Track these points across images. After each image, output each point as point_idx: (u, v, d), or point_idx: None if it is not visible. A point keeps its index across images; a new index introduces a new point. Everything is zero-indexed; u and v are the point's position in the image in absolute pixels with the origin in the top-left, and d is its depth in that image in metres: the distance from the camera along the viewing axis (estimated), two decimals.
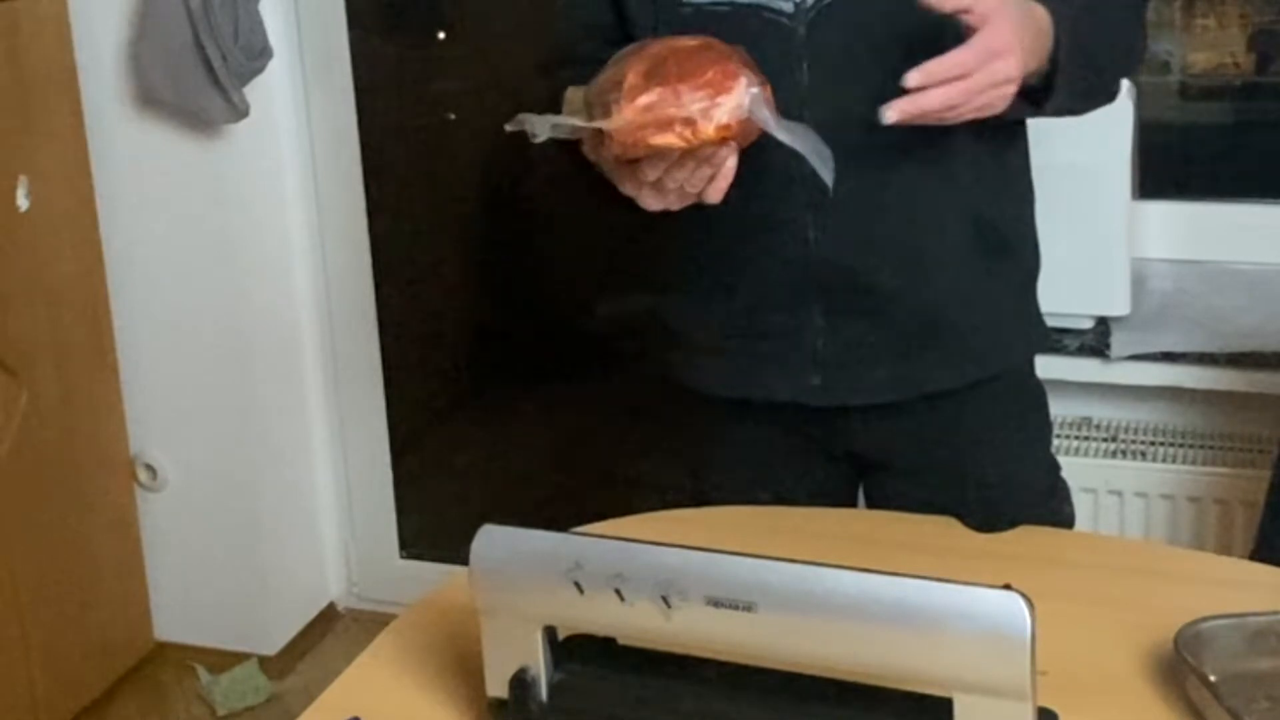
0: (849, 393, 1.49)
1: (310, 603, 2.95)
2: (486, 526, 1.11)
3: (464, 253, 3.07)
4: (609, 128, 1.21)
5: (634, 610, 1.05)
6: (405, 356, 2.95)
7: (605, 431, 2.99)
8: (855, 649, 1.01)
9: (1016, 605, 0.96)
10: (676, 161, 1.24)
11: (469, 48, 2.91)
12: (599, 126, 1.23)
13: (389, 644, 1.32)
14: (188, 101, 2.49)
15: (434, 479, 3.07)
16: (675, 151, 1.22)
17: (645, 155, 1.23)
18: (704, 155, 1.24)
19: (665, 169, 1.25)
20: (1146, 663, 1.21)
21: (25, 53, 2.44)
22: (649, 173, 1.26)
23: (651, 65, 1.23)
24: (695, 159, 1.24)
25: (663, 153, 1.23)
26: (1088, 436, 2.26)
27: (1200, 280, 2.34)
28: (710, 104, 1.20)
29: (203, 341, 2.69)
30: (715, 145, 1.22)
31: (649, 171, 1.26)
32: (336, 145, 2.81)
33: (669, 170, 1.25)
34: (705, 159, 1.24)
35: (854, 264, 1.44)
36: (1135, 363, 2.17)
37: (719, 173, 1.27)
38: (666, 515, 1.53)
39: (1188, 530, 2.17)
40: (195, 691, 2.77)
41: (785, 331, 1.48)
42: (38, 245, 2.48)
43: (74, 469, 2.60)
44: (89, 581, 2.65)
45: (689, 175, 1.26)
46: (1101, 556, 1.49)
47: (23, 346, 2.46)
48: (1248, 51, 2.44)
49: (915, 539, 1.48)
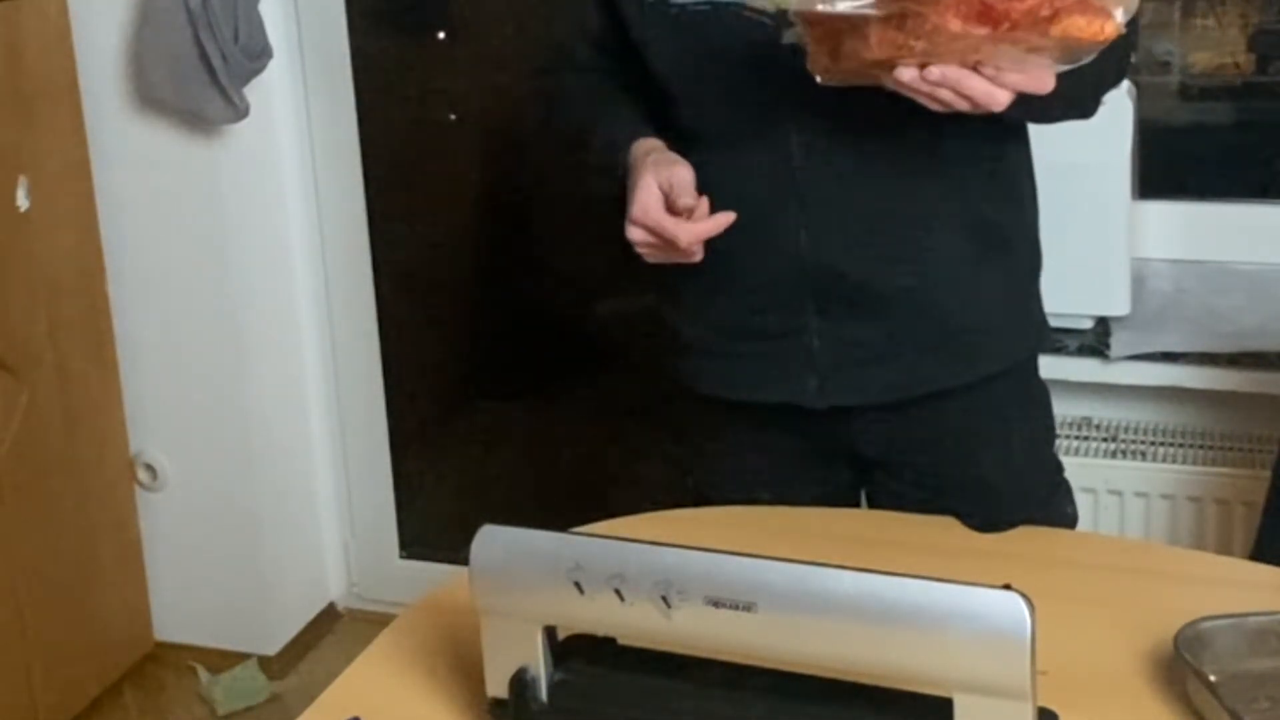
0: (846, 394, 1.49)
1: (310, 603, 2.95)
2: (486, 526, 1.11)
3: (464, 253, 3.07)
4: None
5: (634, 610, 1.05)
6: (405, 356, 2.95)
7: (605, 432, 2.99)
8: (855, 649, 1.01)
9: (1016, 605, 0.96)
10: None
11: (469, 48, 2.91)
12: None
13: (389, 644, 1.32)
14: (188, 101, 2.49)
15: (434, 479, 3.07)
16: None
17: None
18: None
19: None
20: (1146, 663, 1.21)
21: (25, 53, 2.44)
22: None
23: None
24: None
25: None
26: (1088, 436, 2.26)
27: (1200, 280, 2.34)
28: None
29: (203, 341, 2.69)
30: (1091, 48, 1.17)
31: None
32: (336, 145, 2.81)
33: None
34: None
35: (847, 265, 1.44)
36: (1135, 363, 2.17)
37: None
38: (666, 515, 1.53)
39: (1188, 530, 2.17)
40: (195, 691, 2.77)
41: (781, 333, 1.48)
42: (38, 245, 2.48)
43: (74, 469, 2.60)
44: (89, 581, 2.65)
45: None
46: (1101, 556, 1.49)
47: (23, 346, 2.46)
48: (1248, 51, 2.44)
49: (915, 539, 1.48)
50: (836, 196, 1.42)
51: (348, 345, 2.91)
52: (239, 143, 2.60)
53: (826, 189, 1.42)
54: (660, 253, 1.41)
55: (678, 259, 1.41)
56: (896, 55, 1.19)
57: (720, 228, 1.38)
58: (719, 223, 1.38)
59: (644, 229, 1.38)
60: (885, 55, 1.19)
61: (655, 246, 1.40)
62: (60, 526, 2.57)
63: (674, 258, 1.41)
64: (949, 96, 1.21)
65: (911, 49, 1.18)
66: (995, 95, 1.20)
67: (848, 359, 1.47)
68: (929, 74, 1.19)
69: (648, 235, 1.38)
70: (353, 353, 2.91)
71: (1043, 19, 1.14)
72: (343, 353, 2.91)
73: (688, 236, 1.36)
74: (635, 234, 1.39)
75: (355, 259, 2.86)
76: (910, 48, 1.17)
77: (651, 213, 1.37)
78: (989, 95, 1.20)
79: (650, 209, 1.37)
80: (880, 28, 1.17)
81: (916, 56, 1.18)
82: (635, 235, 1.39)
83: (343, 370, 2.93)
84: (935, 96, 1.21)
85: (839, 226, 1.43)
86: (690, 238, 1.36)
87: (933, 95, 1.21)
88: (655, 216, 1.37)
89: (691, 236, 1.37)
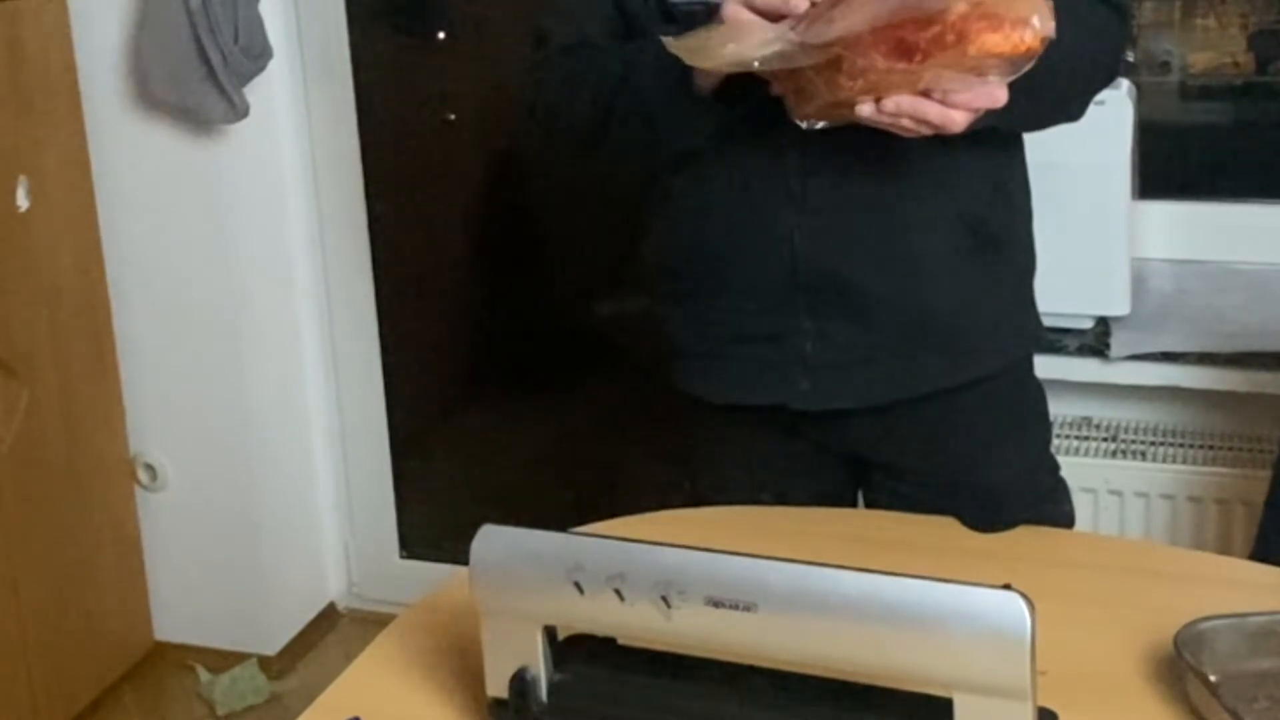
0: (839, 396, 1.49)
1: (310, 603, 2.95)
2: (486, 526, 1.11)
3: (464, 253, 3.07)
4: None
5: (634, 610, 1.05)
6: (405, 356, 2.95)
7: (605, 432, 2.99)
8: (855, 649, 1.01)
9: (1016, 605, 0.96)
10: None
11: (469, 48, 2.91)
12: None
13: (389, 644, 1.32)
14: (188, 101, 2.49)
15: (434, 479, 3.07)
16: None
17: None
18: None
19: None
20: (1146, 663, 1.21)
21: (25, 53, 2.44)
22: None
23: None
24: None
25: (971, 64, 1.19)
26: (1088, 436, 2.26)
27: (1200, 280, 2.34)
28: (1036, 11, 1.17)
29: (203, 342, 2.69)
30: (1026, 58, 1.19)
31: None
32: (336, 145, 2.81)
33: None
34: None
35: (839, 267, 1.44)
36: (1135, 363, 2.17)
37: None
38: (666, 515, 1.53)
39: (1188, 530, 2.17)
40: (195, 691, 2.77)
41: (774, 336, 1.48)
42: (38, 245, 2.48)
43: (74, 469, 2.60)
44: (89, 581, 2.65)
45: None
46: (1101, 556, 1.49)
47: (23, 346, 2.46)
48: (1248, 51, 2.44)
49: (915, 539, 1.48)
50: (830, 199, 1.42)
51: (348, 345, 2.91)
52: (239, 143, 2.60)
53: (821, 192, 1.42)
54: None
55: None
56: (851, 95, 1.23)
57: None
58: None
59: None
60: (836, 97, 1.24)
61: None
62: (60, 526, 2.57)
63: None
64: (910, 124, 1.24)
65: (854, 88, 1.22)
66: (950, 116, 1.24)
67: (840, 361, 1.47)
68: (884, 106, 1.23)
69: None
70: (353, 353, 2.91)
71: (951, 44, 1.17)
72: (343, 353, 2.92)
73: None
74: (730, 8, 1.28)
75: (355, 259, 2.86)
76: (854, 86, 1.22)
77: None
78: (944, 117, 1.23)
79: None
80: (825, 73, 1.22)
81: (863, 93, 1.22)
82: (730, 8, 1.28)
83: (343, 371, 2.93)
84: (897, 125, 1.25)
85: (833, 229, 1.43)
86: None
87: (895, 125, 1.25)
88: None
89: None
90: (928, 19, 1.16)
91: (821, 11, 1.21)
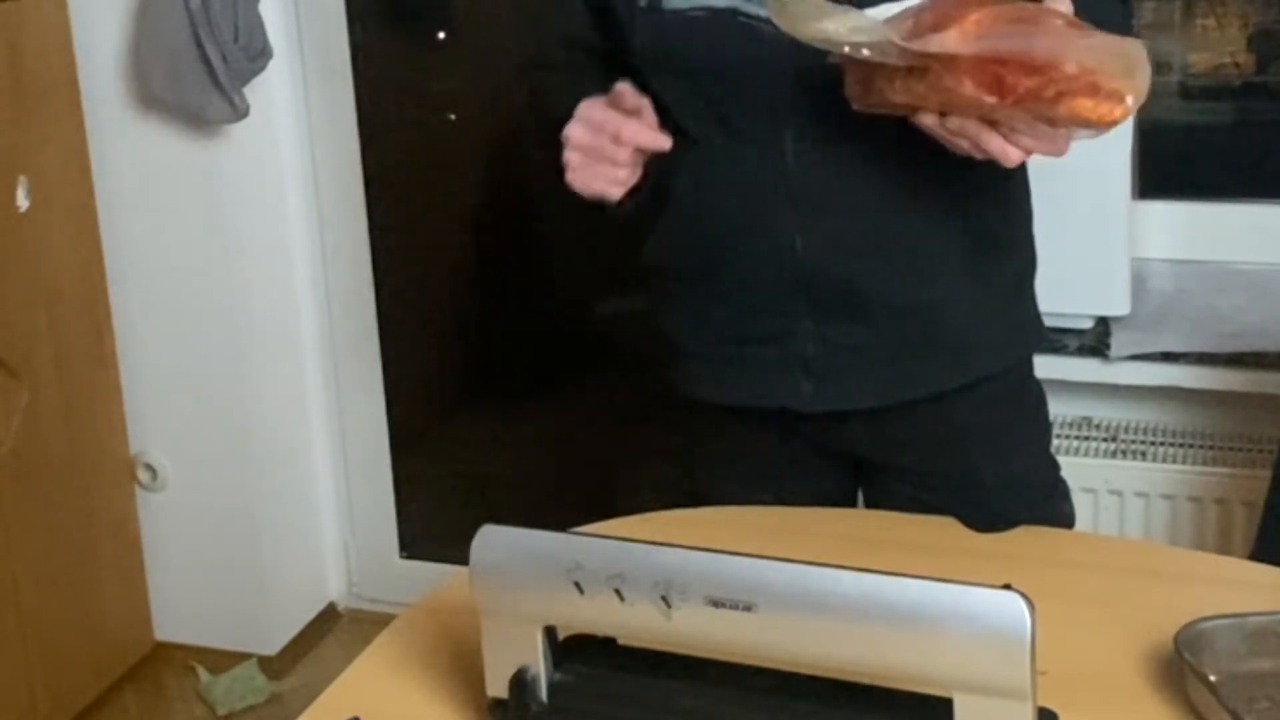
0: (841, 398, 1.49)
1: (310, 603, 2.95)
2: (486, 526, 1.11)
3: (464, 253, 3.07)
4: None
5: (634, 610, 1.05)
6: (405, 356, 2.95)
7: (605, 432, 2.99)
8: (855, 649, 1.01)
9: (1016, 605, 0.96)
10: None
11: (469, 48, 2.91)
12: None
13: (389, 644, 1.32)
14: (188, 101, 2.49)
15: (434, 479, 3.07)
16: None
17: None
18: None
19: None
20: (1146, 663, 1.21)
21: (25, 53, 2.44)
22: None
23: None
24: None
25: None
26: (1088, 436, 2.26)
27: (1200, 280, 2.34)
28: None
29: (203, 341, 2.69)
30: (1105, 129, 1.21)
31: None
32: (336, 145, 2.81)
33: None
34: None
35: (840, 268, 1.44)
36: (1135, 363, 2.17)
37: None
38: (666, 515, 1.53)
39: (1188, 530, 2.17)
40: (195, 691, 2.77)
41: (774, 337, 1.48)
42: (38, 245, 2.48)
43: (74, 469, 2.60)
44: (89, 581, 2.65)
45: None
46: (1101, 556, 1.49)
47: (23, 346, 2.46)
48: (1248, 51, 2.44)
49: (915, 539, 1.48)
50: (831, 201, 1.42)
51: (348, 346, 2.91)
52: (239, 143, 2.60)
53: (821, 193, 1.42)
54: (588, 167, 1.37)
55: (600, 182, 1.37)
56: (920, 104, 1.24)
57: (658, 143, 1.36)
58: (657, 138, 1.36)
59: (588, 124, 1.36)
60: (910, 101, 1.25)
61: (589, 150, 1.36)
62: (60, 526, 2.57)
63: (599, 177, 1.37)
64: (966, 146, 1.26)
65: (930, 101, 1.23)
66: (1008, 152, 1.26)
67: (842, 363, 1.47)
68: (948, 123, 1.25)
69: (586, 133, 1.36)
70: (353, 353, 2.91)
71: (1047, 98, 1.18)
72: (343, 353, 2.92)
73: (629, 131, 1.34)
74: (575, 130, 1.36)
75: (355, 259, 2.86)
76: (929, 100, 1.23)
77: (600, 105, 1.36)
78: (1002, 152, 1.25)
79: (597, 103, 1.36)
80: (904, 76, 1.23)
81: (934, 107, 1.24)
82: (575, 132, 1.36)
83: (343, 370, 2.93)
84: (954, 143, 1.27)
85: (833, 230, 1.43)
86: (632, 132, 1.34)
87: (951, 141, 1.27)
88: (604, 109, 1.35)
89: (633, 132, 1.34)
90: (1034, 67, 1.17)
91: (926, 15, 1.21)
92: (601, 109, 1.36)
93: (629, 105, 1.36)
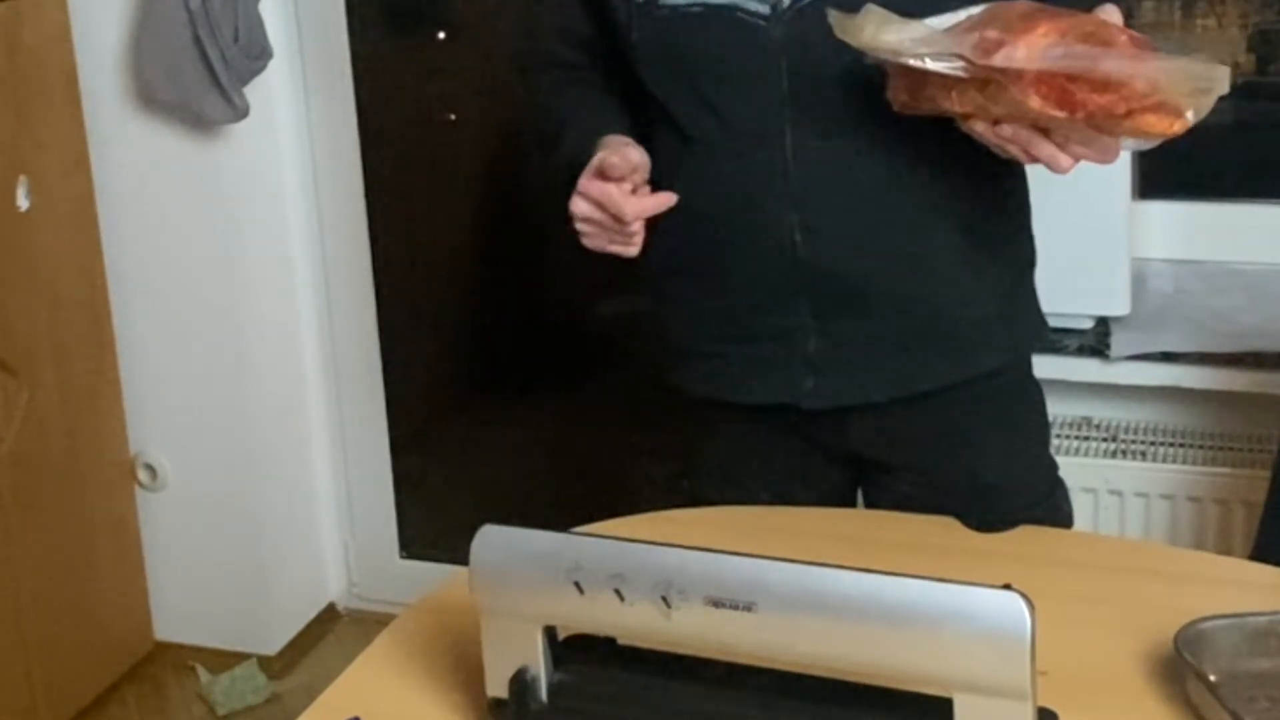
0: (842, 394, 1.49)
1: (310, 603, 2.95)
2: (486, 526, 1.11)
3: (464, 253, 3.07)
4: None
5: (634, 610, 1.05)
6: (405, 356, 2.95)
7: (605, 432, 2.99)
8: (855, 649, 1.01)
9: (1016, 605, 0.96)
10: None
11: (469, 48, 2.91)
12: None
13: (389, 644, 1.32)
14: (188, 101, 2.49)
15: (434, 479, 3.07)
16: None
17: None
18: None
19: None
20: (1146, 663, 1.21)
21: (25, 53, 2.44)
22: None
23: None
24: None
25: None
26: (1088, 436, 2.26)
27: (1200, 280, 2.34)
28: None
29: (203, 341, 2.69)
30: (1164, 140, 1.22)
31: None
32: (336, 145, 2.81)
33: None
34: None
35: (841, 264, 1.44)
36: (1135, 363, 2.17)
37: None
38: (666, 515, 1.53)
39: (1188, 530, 2.17)
40: (195, 691, 2.77)
41: (776, 334, 1.48)
42: (38, 245, 2.48)
43: (74, 469, 2.60)
44: (89, 581, 2.65)
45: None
46: (1101, 556, 1.49)
47: (23, 346, 2.46)
48: (1248, 51, 2.44)
49: (915, 539, 1.48)
50: (830, 196, 1.42)
51: (348, 345, 2.91)
52: (239, 143, 2.60)
53: (820, 189, 1.42)
54: (600, 234, 1.40)
55: (616, 245, 1.40)
56: (976, 113, 1.25)
57: (662, 206, 1.39)
58: (661, 200, 1.39)
59: (589, 200, 1.38)
60: (965, 109, 1.25)
61: (597, 224, 1.39)
62: (60, 526, 2.57)
63: (613, 242, 1.40)
64: (1016, 151, 1.27)
65: (989, 111, 1.24)
66: (1060, 161, 1.26)
67: (843, 358, 1.47)
68: (1001, 130, 1.26)
69: (592, 209, 1.38)
70: (353, 353, 2.91)
71: (1118, 114, 1.19)
72: (343, 353, 2.91)
73: (632, 208, 1.36)
74: (580, 206, 1.39)
75: (355, 259, 2.86)
76: (988, 110, 1.24)
77: (598, 182, 1.37)
78: (1053, 159, 1.26)
79: (595, 179, 1.37)
80: (963, 85, 1.23)
81: (995, 117, 1.24)
82: (580, 207, 1.39)
83: (343, 370, 2.93)
84: (1004, 149, 1.28)
85: (833, 226, 1.43)
86: (634, 210, 1.36)
87: (1001, 147, 1.27)
88: (602, 186, 1.37)
89: (636, 209, 1.36)
90: (1106, 85, 1.17)
91: (989, 26, 1.21)
92: (599, 185, 1.37)
93: (619, 175, 1.37)
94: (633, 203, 1.37)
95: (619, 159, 1.36)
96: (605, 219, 1.38)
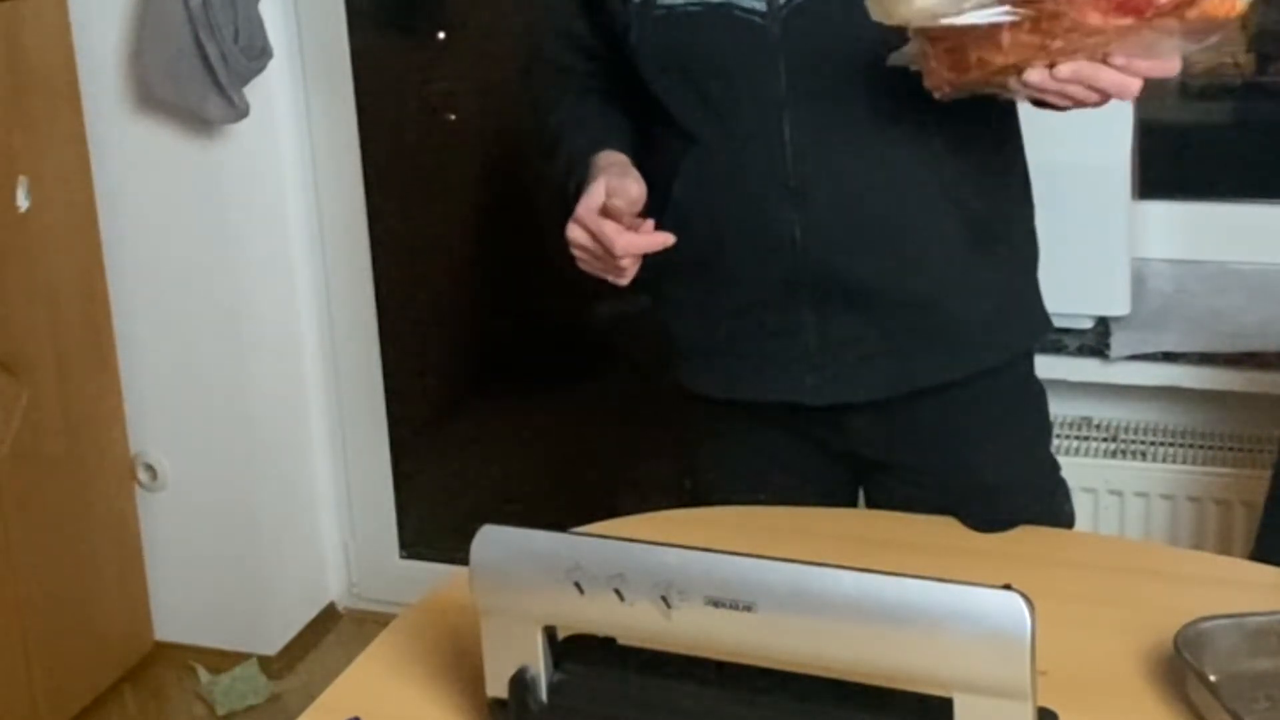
0: (844, 390, 1.49)
1: (310, 603, 2.95)
2: (486, 526, 1.11)
3: (464, 253, 3.07)
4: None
5: (634, 610, 1.05)
6: (405, 356, 2.95)
7: (605, 432, 2.99)
8: (855, 649, 1.01)
9: (1016, 605, 0.96)
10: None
11: (469, 48, 2.91)
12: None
13: (389, 644, 1.32)
14: (188, 101, 2.49)
15: (434, 479, 3.07)
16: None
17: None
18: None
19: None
20: (1146, 663, 1.21)
21: (25, 53, 2.44)
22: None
23: None
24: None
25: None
26: (1088, 436, 2.26)
27: (1200, 280, 2.34)
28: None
29: (203, 341, 2.69)
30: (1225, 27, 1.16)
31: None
32: (336, 145, 2.81)
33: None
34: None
35: (842, 262, 1.44)
36: (1135, 363, 2.17)
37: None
38: (666, 515, 1.53)
39: (1188, 530, 2.17)
40: (195, 691, 2.77)
41: (777, 331, 1.48)
42: (38, 245, 2.48)
43: (74, 469, 2.60)
44: (89, 581, 2.65)
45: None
46: (1101, 556, 1.49)
47: (23, 346, 2.46)
48: (1248, 51, 2.44)
49: (915, 539, 1.48)
50: (830, 193, 1.42)
51: (348, 345, 2.91)
52: (239, 143, 2.60)
53: (820, 186, 1.42)
54: (595, 262, 1.41)
55: (609, 274, 1.42)
56: (1030, 58, 1.19)
57: (656, 245, 1.39)
58: (655, 240, 1.39)
59: (585, 230, 1.39)
60: (1018, 59, 1.19)
61: (591, 253, 1.40)
62: (60, 527, 2.56)
63: (606, 270, 1.41)
64: (1079, 91, 1.21)
65: (1048, 49, 1.18)
66: (1128, 85, 1.20)
67: (845, 355, 1.47)
68: (1059, 72, 1.19)
69: (587, 238, 1.39)
70: (353, 353, 2.91)
71: (1183, 2, 1.14)
72: (343, 353, 2.92)
73: (622, 244, 1.37)
74: (576, 234, 1.40)
75: (355, 259, 2.86)
76: (1046, 48, 1.18)
77: (595, 214, 1.37)
78: (1122, 85, 1.20)
79: (595, 210, 1.38)
80: (1013, 32, 1.18)
81: (1050, 56, 1.19)
82: (575, 235, 1.40)
83: (343, 370, 2.93)
84: (1065, 93, 1.21)
85: (833, 223, 1.43)
86: (625, 247, 1.37)
87: (1062, 92, 1.21)
88: (597, 219, 1.37)
89: (626, 246, 1.37)
90: None
91: None
92: (595, 219, 1.37)
93: (614, 210, 1.37)
94: (624, 240, 1.37)
95: (621, 201, 1.37)
96: (598, 250, 1.39)
